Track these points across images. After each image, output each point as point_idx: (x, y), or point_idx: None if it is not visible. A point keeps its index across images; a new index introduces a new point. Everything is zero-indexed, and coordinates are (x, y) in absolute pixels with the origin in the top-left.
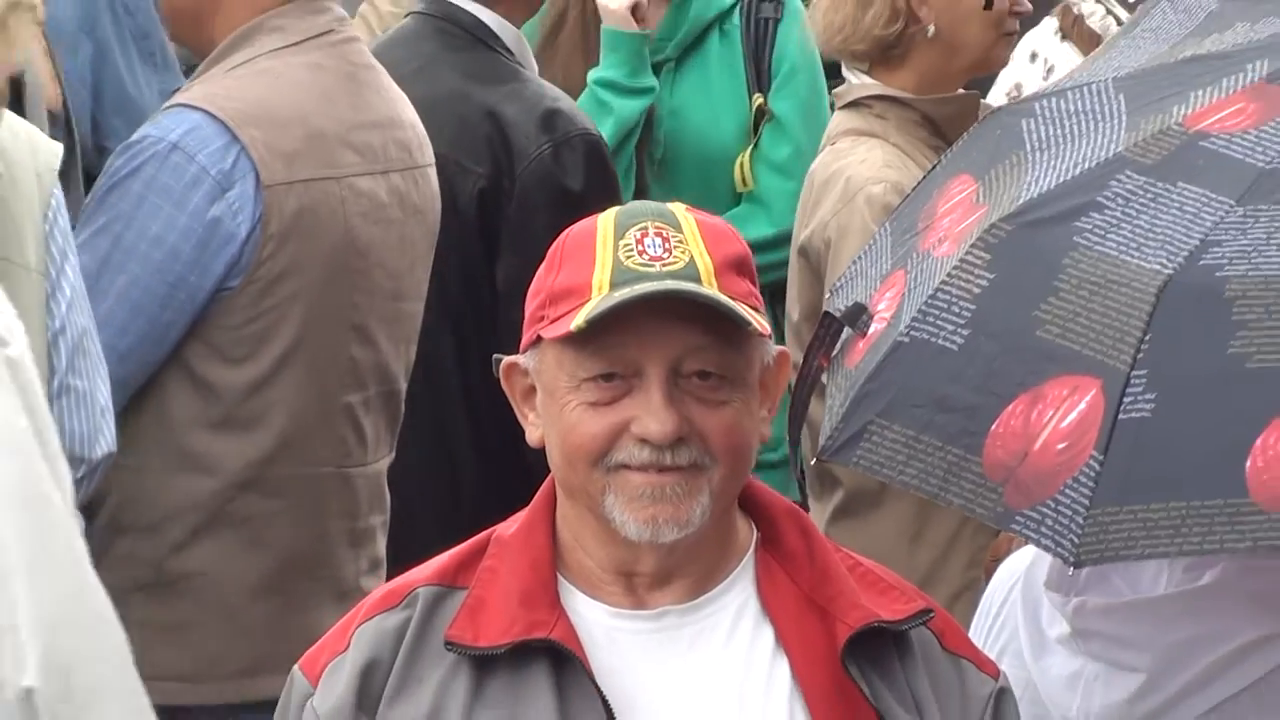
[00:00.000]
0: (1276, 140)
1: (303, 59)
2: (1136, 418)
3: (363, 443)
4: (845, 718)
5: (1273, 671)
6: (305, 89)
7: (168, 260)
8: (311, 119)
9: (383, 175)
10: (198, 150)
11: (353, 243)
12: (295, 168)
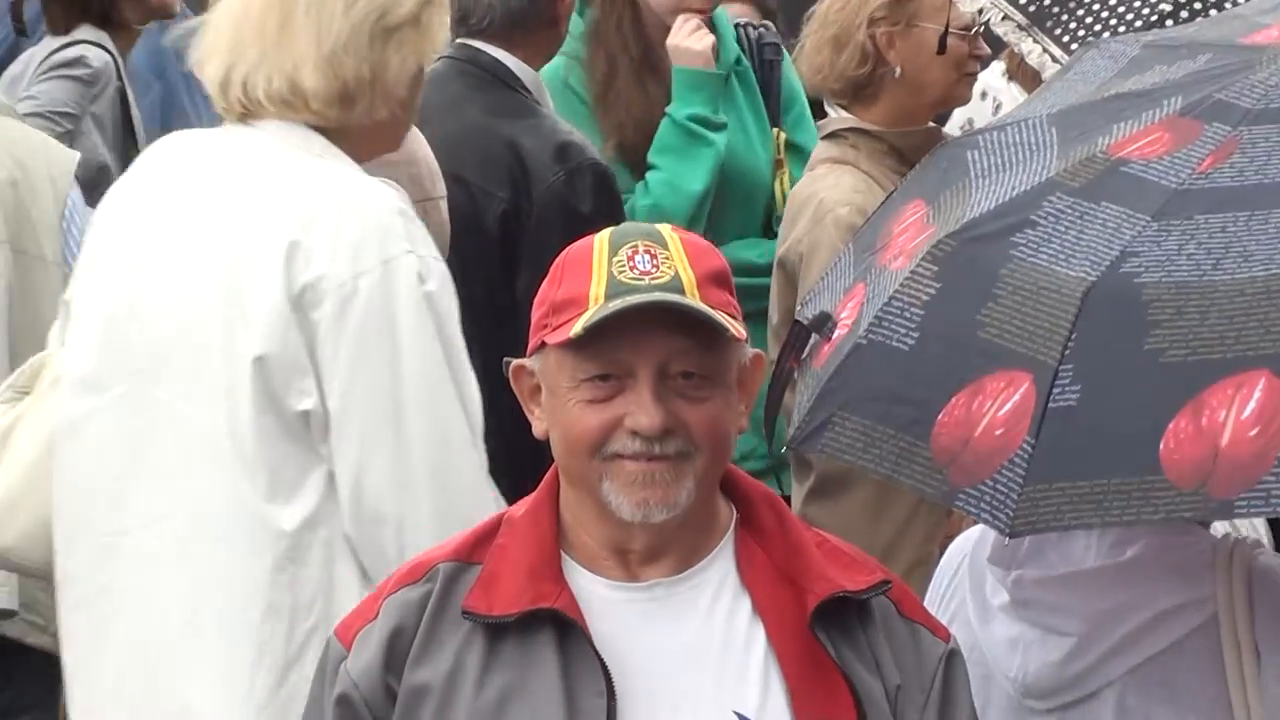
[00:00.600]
0: (1186, 164)
1: None
2: (1064, 406)
3: None
4: (814, 677)
5: (1187, 635)
6: None
7: None
8: None
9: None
10: None
11: None
12: None
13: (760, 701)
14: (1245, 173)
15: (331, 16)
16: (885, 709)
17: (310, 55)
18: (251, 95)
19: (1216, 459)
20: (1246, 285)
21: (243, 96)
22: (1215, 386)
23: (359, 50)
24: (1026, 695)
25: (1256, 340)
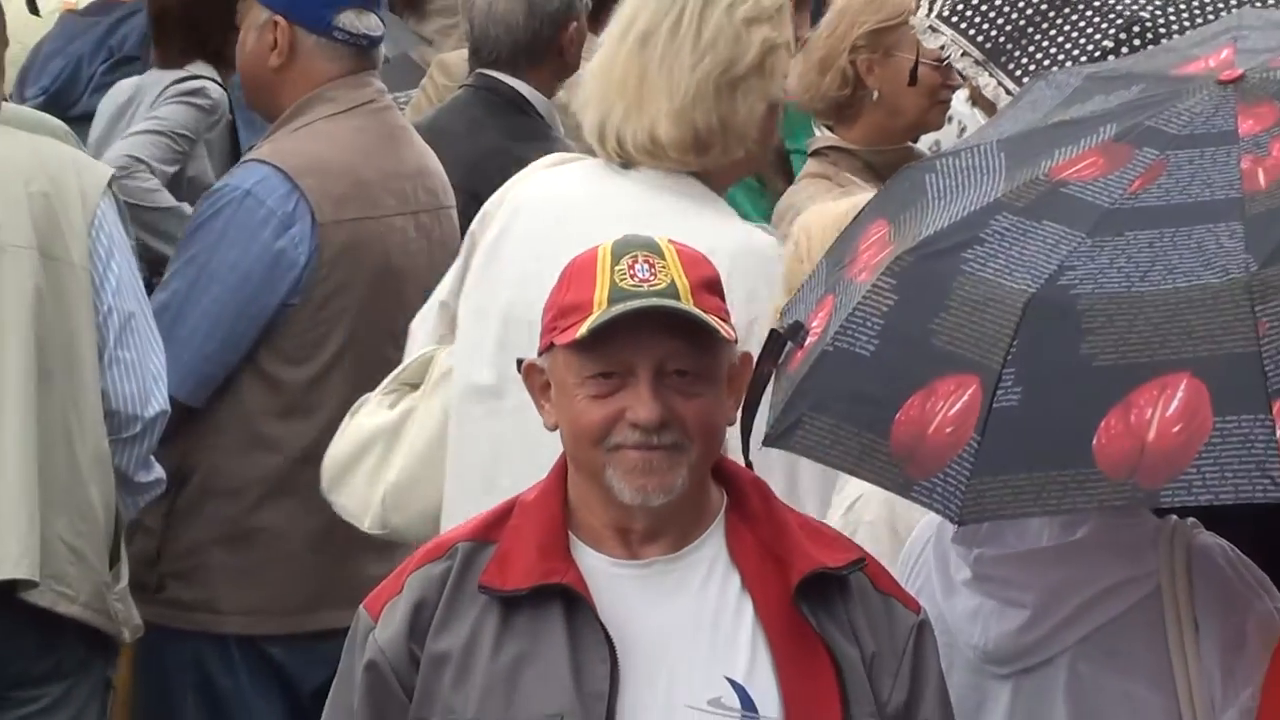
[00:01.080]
0: (1119, 186)
1: (350, 123)
2: (1007, 407)
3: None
4: (797, 646)
5: (1132, 607)
6: (352, 147)
7: (243, 283)
8: (357, 170)
9: (412, 215)
10: (266, 196)
11: (389, 268)
12: (343, 209)
13: (749, 667)
14: (1171, 193)
15: (681, 72)
16: (862, 674)
17: (664, 109)
18: (624, 146)
19: (1144, 453)
20: (1170, 295)
21: (616, 146)
22: (1143, 387)
23: (707, 102)
24: (986, 661)
25: (1179, 345)
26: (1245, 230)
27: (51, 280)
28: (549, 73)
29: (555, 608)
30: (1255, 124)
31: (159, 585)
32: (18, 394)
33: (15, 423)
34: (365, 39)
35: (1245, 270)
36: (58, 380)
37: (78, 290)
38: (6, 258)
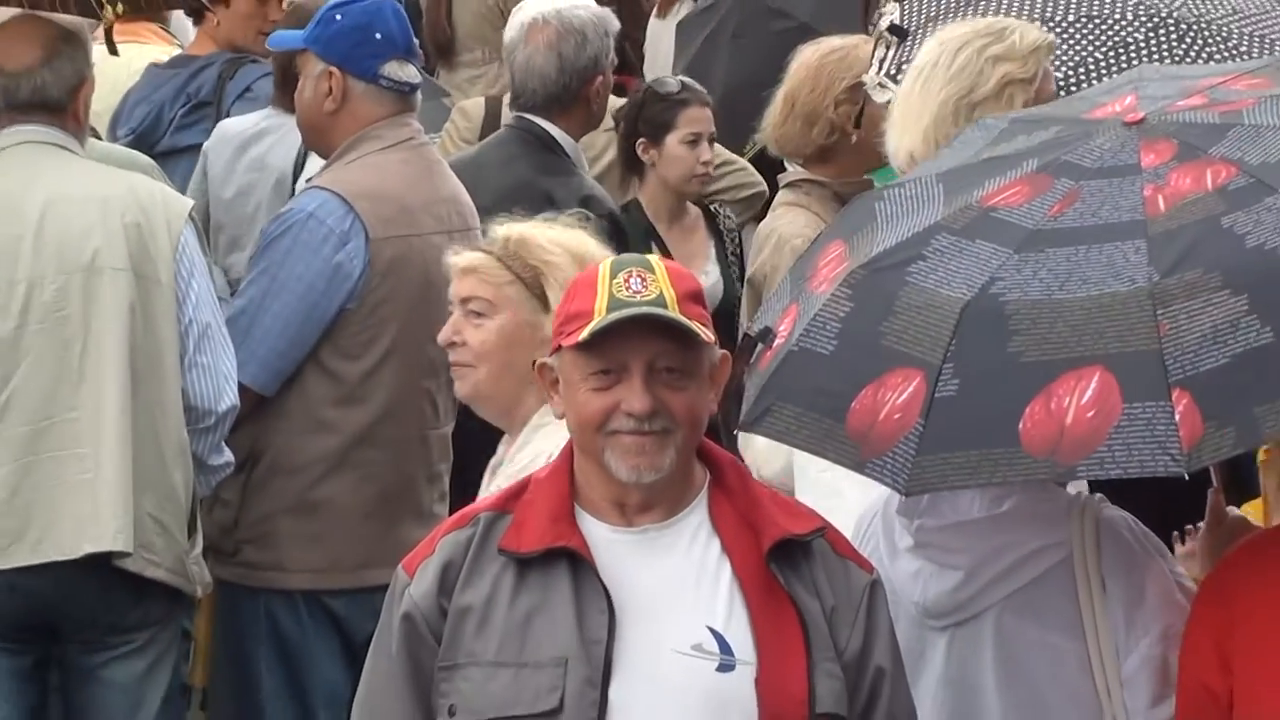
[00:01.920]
0: (1040, 210)
1: (395, 156)
2: (946, 396)
3: (436, 413)
4: (768, 600)
5: (1050, 569)
6: (397, 176)
7: (307, 291)
8: (402, 196)
9: (447, 234)
10: (326, 217)
11: (429, 279)
12: (391, 228)
13: (726, 618)
14: (1084, 216)
15: (930, 97)
16: (823, 625)
17: (917, 129)
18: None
19: (1062, 434)
20: (1085, 302)
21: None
22: (1061, 379)
23: (946, 124)
24: (926, 615)
25: (1093, 344)
26: (1148, 247)
27: (143, 297)
28: (577, 118)
29: (562, 567)
30: (1155, 158)
31: (235, 549)
32: (115, 395)
33: (113, 420)
34: (406, 86)
35: (1149, 281)
36: (147, 382)
37: (164, 305)
38: (106, 278)
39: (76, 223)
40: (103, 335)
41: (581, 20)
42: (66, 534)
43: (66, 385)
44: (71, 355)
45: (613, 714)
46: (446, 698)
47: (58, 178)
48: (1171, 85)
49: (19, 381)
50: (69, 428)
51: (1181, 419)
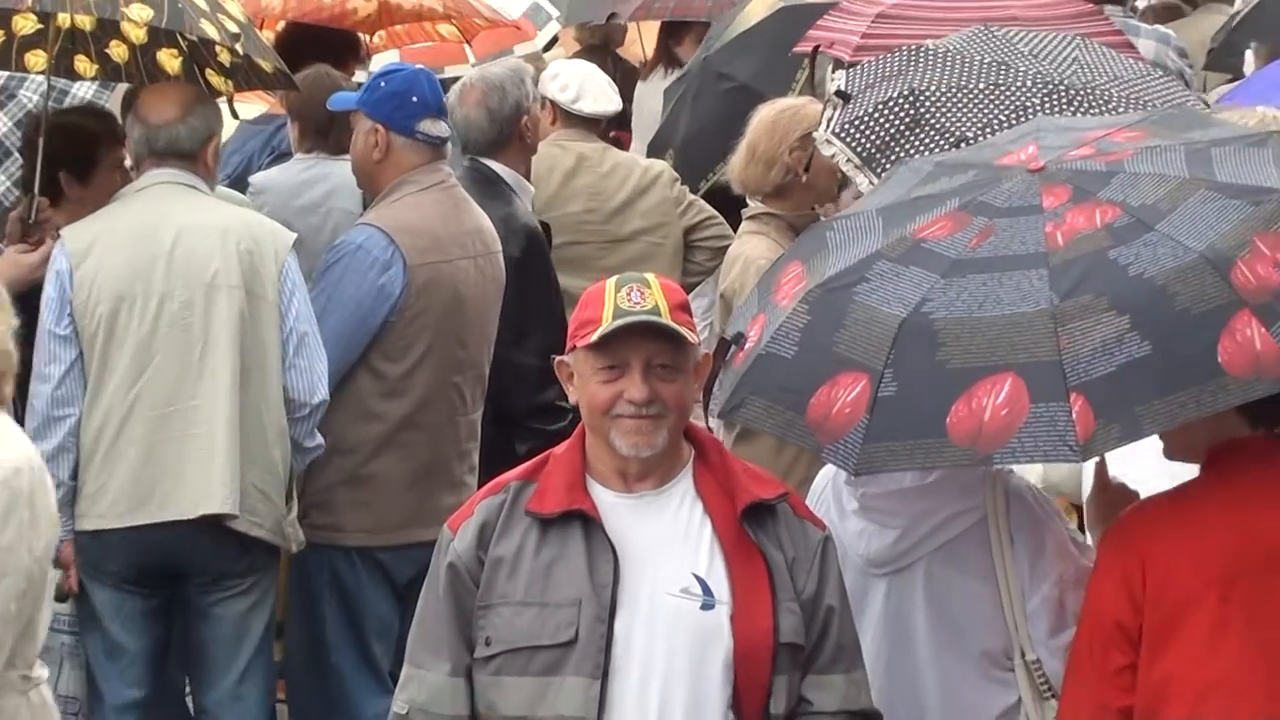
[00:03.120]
0: (962, 242)
1: (429, 197)
2: (887, 395)
3: (464, 403)
4: (741, 552)
5: (969, 528)
6: (430, 213)
7: (358, 309)
8: (434, 229)
9: (471, 259)
10: (372, 248)
11: (456, 296)
12: (425, 256)
13: (708, 566)
14: (997, 248)
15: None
16: (785, 572)
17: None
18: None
19: (981, 428)
20: (999, 319)
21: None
22: (980, 383)
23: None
24: (869, 565)
25: (1005, 354)
26: (1049, 275)
27: (252, 309)
28: (515, 152)
29: (576, 526)
30: (1054, 200)
31: (303, 514)
32: (226, 388)
33: (224, 407)
34: (438, 139)
35: (1050, 303)
36: (253, 378)
37: (269, 317)
38: (223, 294)
39: (201, 248)
40: (218, 340)
41: (500, 77)
42: (186, 499)
43: (188, 379)
44: (193, 355)
45: (617, 645)
46: (483, 630)
47: (186, 211)
48: (1065, 136)
49: (150, 375)
50: (190, 414)
51: (1078, 417)
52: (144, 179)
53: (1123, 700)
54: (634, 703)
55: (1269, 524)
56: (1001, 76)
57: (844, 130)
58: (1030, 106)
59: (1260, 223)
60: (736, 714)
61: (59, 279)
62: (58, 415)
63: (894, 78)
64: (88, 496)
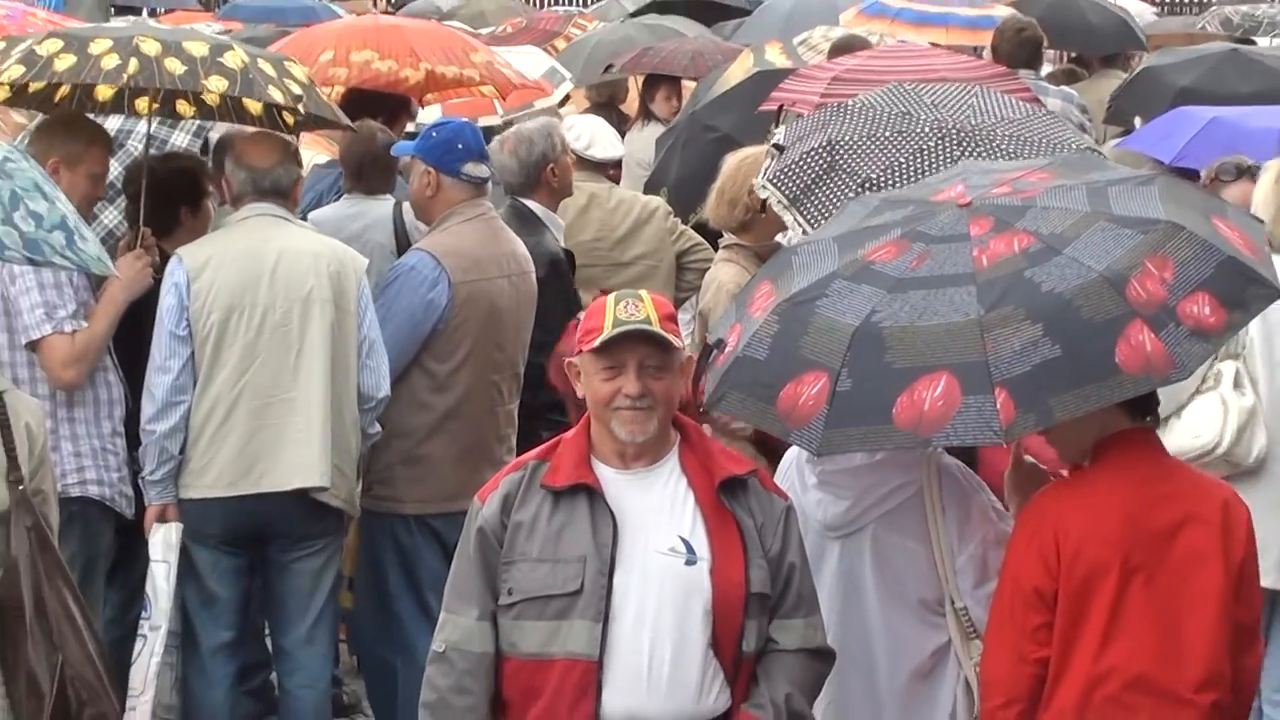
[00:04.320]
0: (904, 264)
1: (471, 226)
2: (844, 390)
3: (502, 396)
4: (719, 519)
5: (908, 498)
6: (472, 239)
7: (410, 319)
8: (474, 252)
9: (507, 278)
10: (423, 268)
11: (494, 308)
12: (467, 275)
13: (691, 530)
14: (933, 269)
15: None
16: (755, 535)
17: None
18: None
19: (921, 417)
20: (936, 327)
21: None
22: (920, 380)
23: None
24: (825, 529)
25: (941, 356)
26: (976, 291)
27: (338, 320)
28: (544, 193)
29: (583, 496)
30: (979, 229)
31: (368, 488)
32: (320, 384)
33: (319, 399)
34: (479, 179)
35: (977, 314)
36: (338, 376)
37: (350, 326)
38: (316, 306)
39: (298, 268)
40: (313, 344)
41: (530, 131)
42: (281, 474)
43: (285, 376)
44: (290, 356)
45: (616, 594)
46: (506, 583)
47: (285, 237)
48: (988, 177)
49: (254, 371)
50: (287, 404)
51: (1001, 407)
52: (245, 211)
53: (1040, 653)
54: (630, 642)
55: (1154, 502)
56: (904, 124)
57: (776, 176)
58: (927, 149)
59: (1149, 248)
60: (715, 651)
61: (177, 290)
62: (174, 401)
63: (818, 130)
64: (194, 471)
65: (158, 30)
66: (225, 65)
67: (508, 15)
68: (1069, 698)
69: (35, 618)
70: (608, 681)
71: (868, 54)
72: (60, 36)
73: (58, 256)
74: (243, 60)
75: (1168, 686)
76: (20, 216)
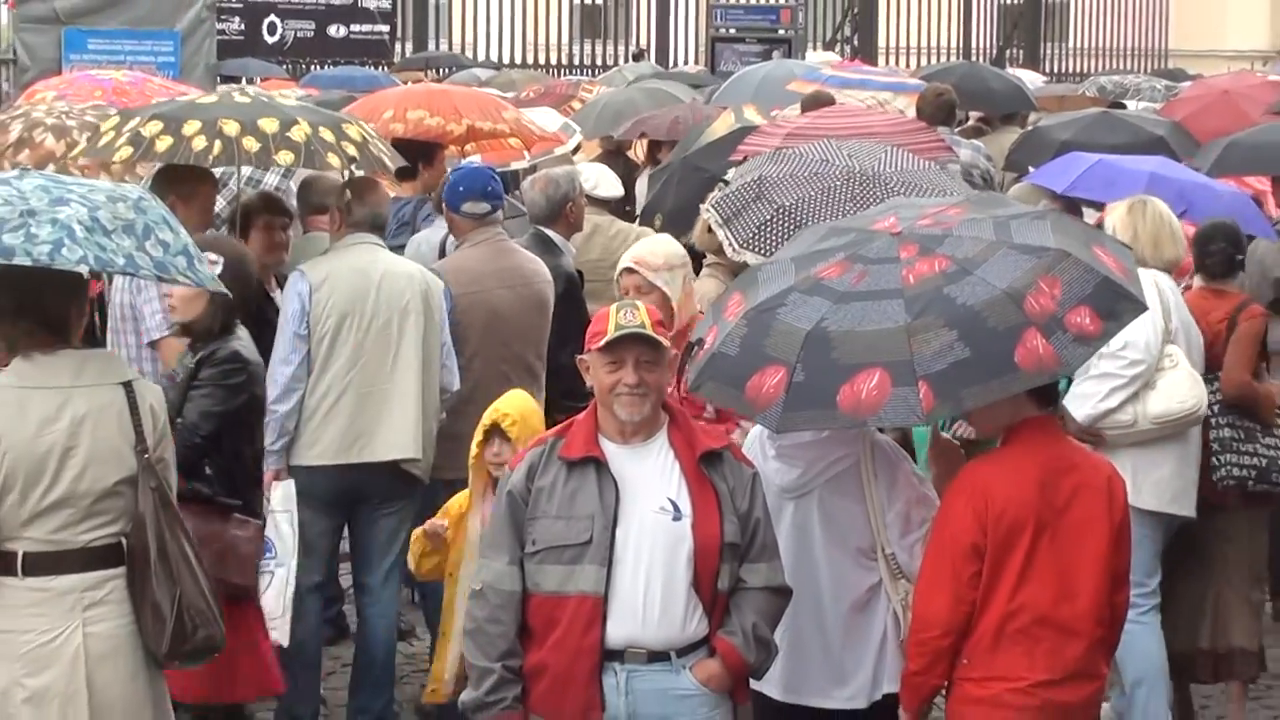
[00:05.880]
0: (847, 281)
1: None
2: (799, 381)
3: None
4: (700, 484)
5: (848, 468)
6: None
7: None
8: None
9: (509, 288)
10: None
11: (494, 313)
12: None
13: (677, 493)
14: (871, 285)
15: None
16: (728, 496)
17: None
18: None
19: (860, 404)
20: (873, 331)
21: None
22: (860, 374)
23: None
24: (783, 491)
25: (876, 354)
26: (904, 304)
27: (426, 326)
28: (562, 225)
29: (591, 466)
30: (907, 254)
31: None
32: (413, 378)
33: (413, 390)
34: (477, 214)
35: (905, 322)
36: (426, 372)
37: (434, 332)
38: (411, 316)
39: (397, 285)
40: (407, 347)
41: (558, 175)
42: (378, 448)
43: (385, 370)
44: (389, 356)
45: (617, 544)
46: (530, 534)
47: (385, 261)
48: (914, 211)
49: (360, 366)
50: (384, 394)
51: (923, 397)
52: (351, 239)
53: (973, 595)
54: (629, 582)
55: (1058, 474)
56: (821, 168)
57: (717, 204)
58: (834, 187)
59: (1042, 270)
60: (696, 589)
61: (300, 298)
62: (293, 387)
63: (754, 170)
64: (305, 444)
65: (239, 108)
66: (292, 139)
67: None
68: (988, 629)
69: (158, 560)
70: (611, 614)
71: (817, 113)
72: (160, 118)
73: (181, 276)
74: (306, 133)
75: (1064, 621)
76: (151, 244)
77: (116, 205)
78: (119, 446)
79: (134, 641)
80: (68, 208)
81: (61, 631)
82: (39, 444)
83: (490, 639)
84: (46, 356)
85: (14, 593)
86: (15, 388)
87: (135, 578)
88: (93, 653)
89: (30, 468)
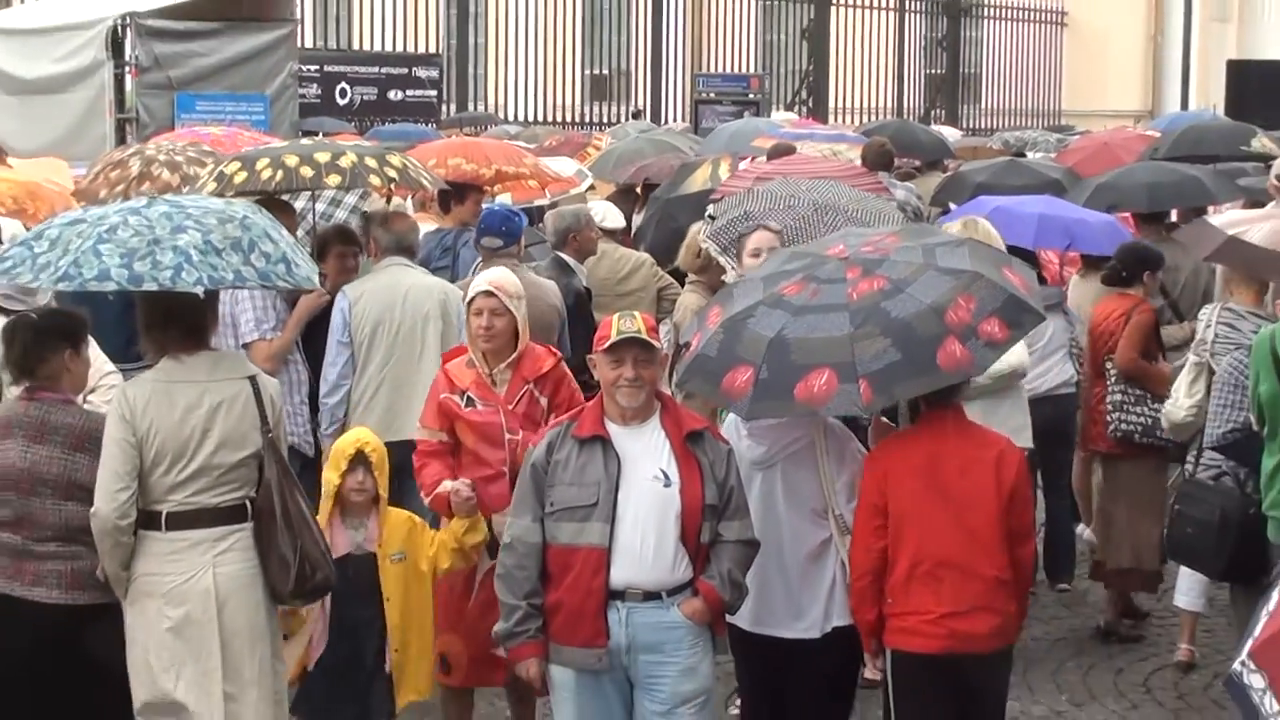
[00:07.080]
0: (804, 297)
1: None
2: (764, 378)
3: None
4: (686, 459)
5: (805, 446)
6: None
7: None
8: None
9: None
10: None
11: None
12: None
13: (668, 464)
14: (823, 300)
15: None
16: (709, 468)
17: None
18: None
19: (813, 396)
20: (824, 338)
21: None
22: (812, 372)
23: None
24: (753, 465)
25: (825, 357)
26: (849, 316)
27: (444, 329)
28: (572, 250)
29: (598, 443)
30: (852, 274)
31: None
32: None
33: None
34: (492, 248)
35: (849, 331)
36: None
37: (451, 333)
38: (432, 322)
39: (420, 297)
40: (429, 348)
41: (564, 210)
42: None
43: (412, 367)
44: (414, 356)
45: (619, 506)
46: (549, 498)
47: (411, 278)
48: (859, 239)
49: (391, 366)
50: (413, 386)
51: (863, 392)
52: (385, 261)
53: (879, 543)
54: (628, 536)
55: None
56: (792, 202)
57: (711, 235)
58: (807, 216)
59: (961, 288)
60: (682, 542)
61: (342, 313)
62: (340, 384)
63: (738, 205)
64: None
65: (301, 147)
66: (340, 165)
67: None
68: (900, 573)
69: (282, 518)
70: (614, 562)
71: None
72: (239, 159)
73: (281, 281)
74: (352, 160)
75: (963, 564)
76: (255, 256)
77: (226, 226)
78: (246, 429)
79: (255, 582)
80: (185, 235)
81: (195, 574)
82: (183, 428)
83: (517, 581)
84: (189, 356)
85: (158, 544)
86: (164, 382)
87: (262, 532)
88: (221, 590)
89: (176, 447)
